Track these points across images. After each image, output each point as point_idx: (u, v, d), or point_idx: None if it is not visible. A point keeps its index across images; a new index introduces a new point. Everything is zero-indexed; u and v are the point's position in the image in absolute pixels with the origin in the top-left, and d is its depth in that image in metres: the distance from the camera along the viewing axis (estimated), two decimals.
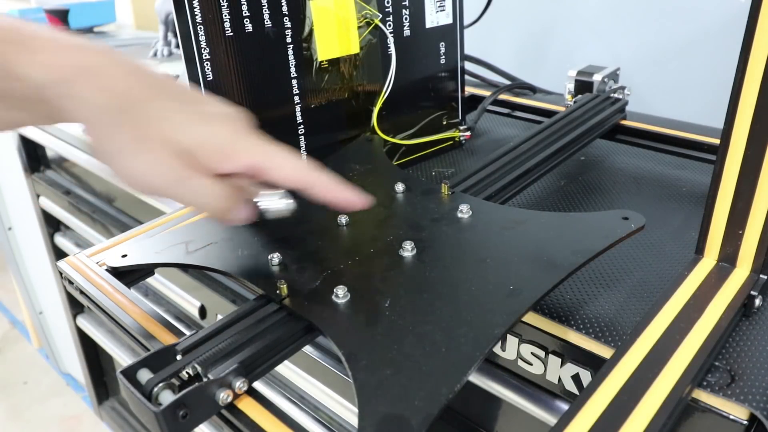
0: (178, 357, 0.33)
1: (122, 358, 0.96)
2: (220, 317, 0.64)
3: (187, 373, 0.32)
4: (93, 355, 1.15)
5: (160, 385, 0.31)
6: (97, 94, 0.33)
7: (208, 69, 0.47)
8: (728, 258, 0.41)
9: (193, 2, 0.45)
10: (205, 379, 0.31)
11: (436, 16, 0.61)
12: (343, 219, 0.44)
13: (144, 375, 0.31)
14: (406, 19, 0.59)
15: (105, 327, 1.04)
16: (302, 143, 0.55)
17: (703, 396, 0.35)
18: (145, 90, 0.34)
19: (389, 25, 0.58)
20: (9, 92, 0.33)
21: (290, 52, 0.52)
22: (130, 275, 0.45)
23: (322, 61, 0.54)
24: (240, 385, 0.32)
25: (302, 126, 0.55)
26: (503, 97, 0.79)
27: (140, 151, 0.33)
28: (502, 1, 0.88)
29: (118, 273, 0.44)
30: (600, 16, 0.95)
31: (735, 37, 0.36)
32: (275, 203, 0.36)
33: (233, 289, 0.67)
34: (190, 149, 0.34)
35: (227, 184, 0.35)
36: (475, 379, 0.47)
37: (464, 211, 0.44)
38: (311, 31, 0.52)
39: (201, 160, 0.34)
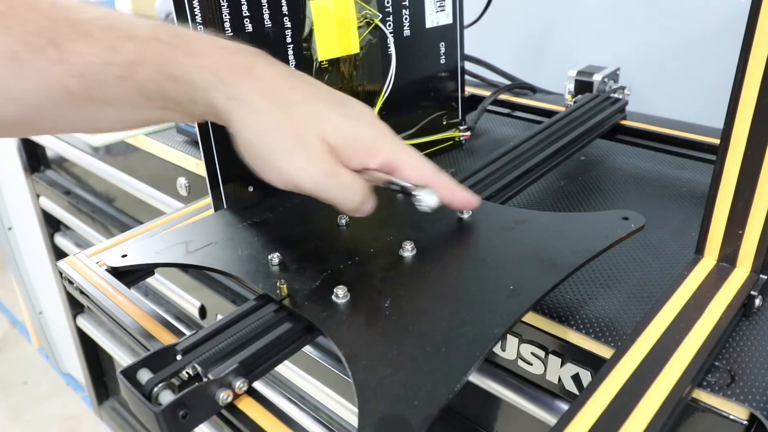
0: (178, 357, 0.33)
1: (122, 358, 0.96)
2: (220, 317, 0.65)
3: (187, 373, 0.32)
4: (93, 355, 1.15)
5: (160, 385, 0.31)
6: (259, 95, 0.35)
7: None
8: (728, 258, 0.41)
9: (193, 2, 0.45)
10: (205, 379, 0.31)
11: (436, 16, 0.61)
12: (343, 219, 0.44)
13: (144, 375, 0.31)
14: (406, 19, 0.59)
15: (105, 327, 1.04)
16: None
17: (703, 396, 0.35)
18: (299, 91, 0.37)
19: (389, 25, 0.58)
20: (167, 93, 0.35)
21: (290, 52, 0.52)
22: (130, 275, 0.45)
23: (322, 61, 0.54)
24: (240, 385, 0.32)
25: None
26: (503, 97, 0.79)
27: (299, 149, 0.35)
28: (502, 1, 0.88)
29: (118, 273, 0.44)
30: (600, 16, 0.95)
31: (735, 37, 0.36)
32: (428, 198, 0.38)
33: (233, 289, 0.67)
34: (341, 146, 0.36)
35: (364, 178, 0.38)
36: (475, 379, 0.47)
37: (464, 211, 0.44)
38: (311, 31, 0.52)
39: (348, 156, 0.36)
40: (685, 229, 0.51)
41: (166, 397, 0.30)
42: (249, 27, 0.48)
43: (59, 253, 1.14)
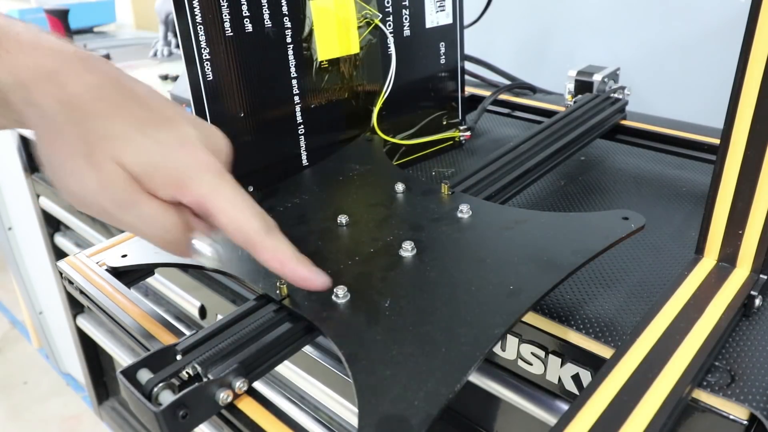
0: (178, 357, 0.33)
1: (122, 358, 0.96)
2: (220, 317, 0.64)
3: (187, 373, 0.32)
4: (93, 355, 1.15)
5: (160, 385, 0.31)
6: (56, 104, 0.31)
7: (208, 69, 0.47)
8: (728, 258, 0.41)
9: (193, 2, 0.45)
10: (205, 379, 0.31)
11: (436, 16, 0.61)
12: (343, 219, 0.44)
13: (144, 375, 0.31)
14: (406, 19, 0.59)
15: (105, 327, 1.04)
16: (302, 143, 0.55)
17: (703, 396, 0.35)
18: (106, 105, 0.32)
19: (389, 25, 0.58)
20: None
21: (290, 52, 0.52)
22: (130, 275, 0.45)
23: (322, 61, 0.54)
24: (240, 385, 0.32)
25: (302, 126, 0.54)
26: (503, 97, 0.79)
27: (90, 171, 0.31)
28: (502, 1, 0.88)
29: (118, 273, 0.44)
30: (600, 16, 0.95)
31: (735, 37, 0.36)
32: (204, 248, 0.32)
33: (233, 289, 0.67)
34: (139, 173, 0.31)
35: (178, 214, 0.33)
36: (475, 379, 0.47)
37: (464, 211, 0.44)
38: (311, 31, 0.52)
39: (152, 186, 0.31)
40: (685, 229, 0.51)
41: (166, 397, 0.30)
42: (249, 27, 0.48)
43: (59, 253, 1.14)
